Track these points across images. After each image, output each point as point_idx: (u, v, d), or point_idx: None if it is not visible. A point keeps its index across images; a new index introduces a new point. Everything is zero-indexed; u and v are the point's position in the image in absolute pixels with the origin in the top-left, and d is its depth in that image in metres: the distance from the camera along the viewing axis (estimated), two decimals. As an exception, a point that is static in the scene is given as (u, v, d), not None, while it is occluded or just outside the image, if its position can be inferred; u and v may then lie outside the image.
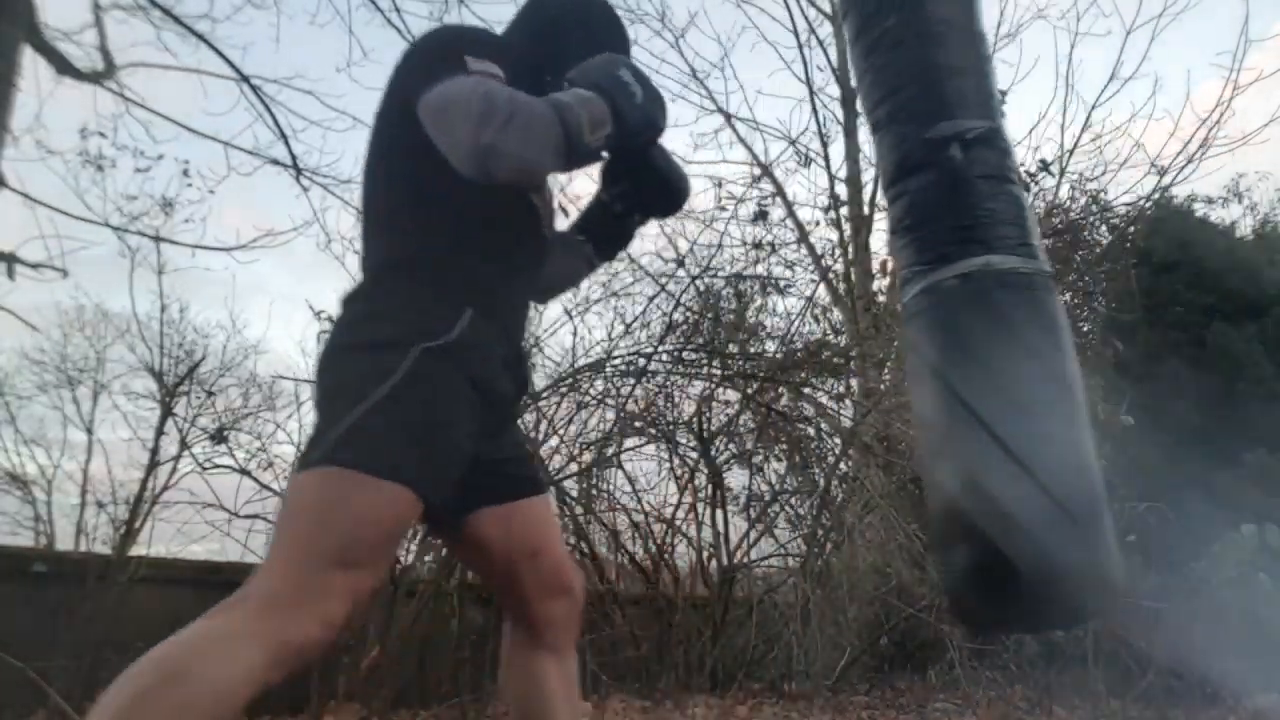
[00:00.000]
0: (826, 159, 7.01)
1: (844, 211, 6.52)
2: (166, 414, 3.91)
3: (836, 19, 6.78)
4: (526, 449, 1.61)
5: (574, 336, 4.73)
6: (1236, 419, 6.63)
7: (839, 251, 6.60)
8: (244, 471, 3.79)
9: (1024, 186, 1.38)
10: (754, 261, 4.96)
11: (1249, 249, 8.16)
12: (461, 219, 1.37)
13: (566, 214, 1.82)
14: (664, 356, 4.51)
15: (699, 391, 4.69)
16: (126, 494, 3.83)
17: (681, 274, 4.68)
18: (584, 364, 4.39)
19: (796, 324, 5.15)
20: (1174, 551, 4.44)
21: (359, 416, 1.19)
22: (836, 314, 6.43)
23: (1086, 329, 6.55)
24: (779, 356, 4.96)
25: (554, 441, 4.41)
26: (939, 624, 4.31)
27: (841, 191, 6.85)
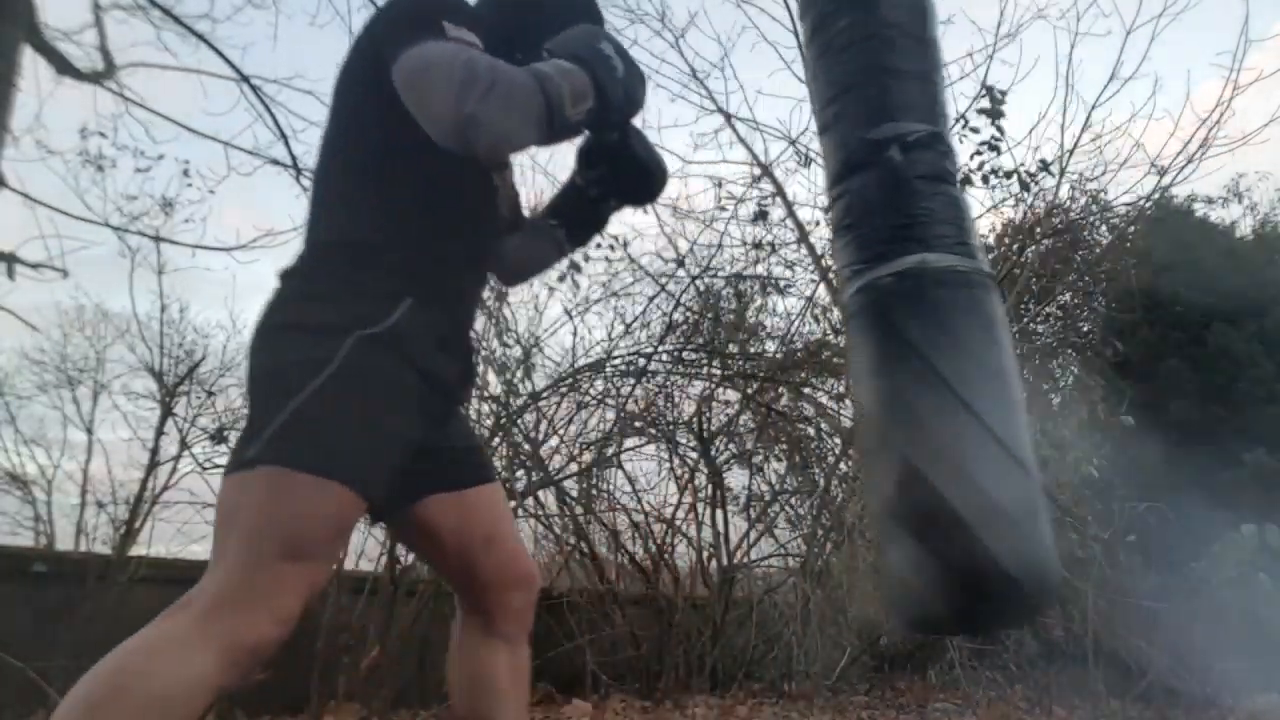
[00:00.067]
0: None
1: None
2: (166, 414, 3.92)
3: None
4: (477, 438, 1.55)
5: (574, 336, 4.73)
6: (1236, 419, 6.63)
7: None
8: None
9: (964, 188, 1.38)
10: (754, 261, 4.94)
11: (1249, 249, 8.16)
12: (416, 199, 1.32)
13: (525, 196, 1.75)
14: (664, 356, 4.51)
15: (699, 391, 4.69)
16: (126, 494, 3.83)
17: (681, 274, 4.67)
18: (584, 364, 4.39)
19: (796, 324, 5.13)
20: (1174, 551, 4.44)
21: (294, 411, 1.14)
22: (836, 314, 6.41)
23: (1086, 329, 6.54)
24: (779, 356, 4.95)
25: (554, 441, 4.41)
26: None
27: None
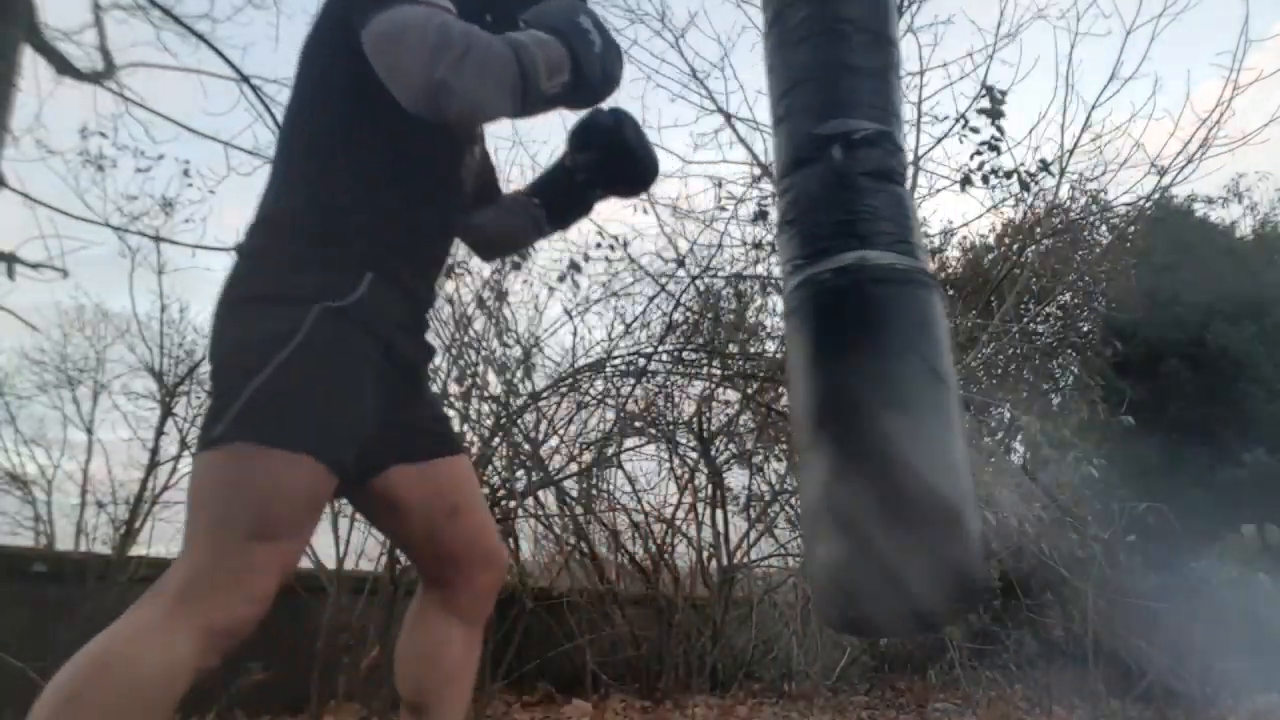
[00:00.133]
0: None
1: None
2: (166, 414, 3.91)
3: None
4: (442, 410, 1.53)
5: (574, 336, 4.72)
6: (1236, 419, 6.63)
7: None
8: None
9: (904, 184, 1.35)
10: (754, 261, 4.92)
11: (1249, 249, 8.17)
12: (382, 169, 1.29)
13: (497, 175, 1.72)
14: (664, 356, 4.50)
15: (699, 391, 4.69)
16: (126, 494, 3.83)
17: (681, 274, 4.66)
18: (584, 364, 4.38)
19: (796, 324, 5.13)
20: (1174, 551, 4.44)
21: (259, 386, 1.13)
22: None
23: (1086, 329, 6.54)
24: (779, 356, 4.95)
25: (554, 441, 4.41)
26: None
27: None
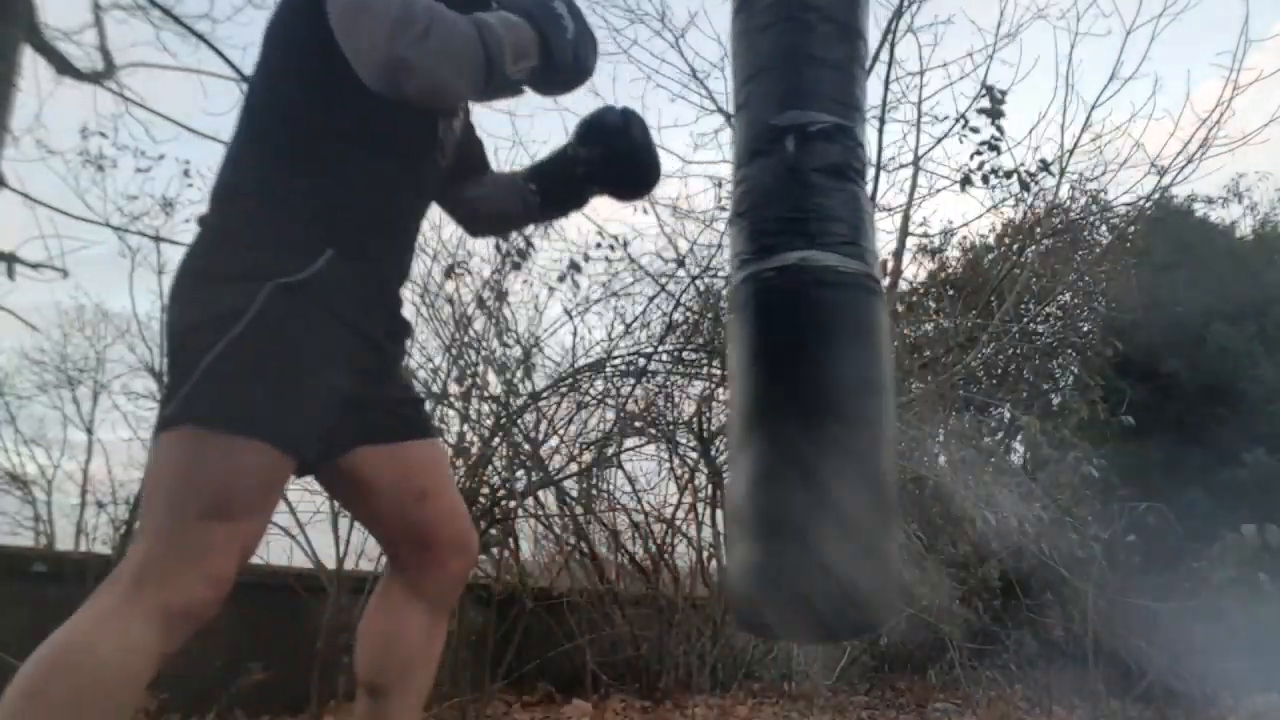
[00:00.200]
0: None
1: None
2: (166, 414, 3.91)
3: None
4: (416, 392, 1.48)
5: (574, 336, 4.71)
6: (1236, 419, 6.62)
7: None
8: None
9: (863, 184, 1.31)
10: (754, 261, 4.94)
11: (1249, 249, 8.16)
12: (345, 144, 1.25)
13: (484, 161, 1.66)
14: (664, 356, 4.50)
15: (699, 391, 4.68)
16: (126, 494, 3.83)
17: (681, 274, 4.66)
18: (584, 364, 4.38)
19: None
20: (1174, 551, 4.44)
21: (209, 366, 1.10)
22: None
23: (1086, 329, 6.54)
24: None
25: (554, 441, 4.41)
26: (939, 624, 4.31)
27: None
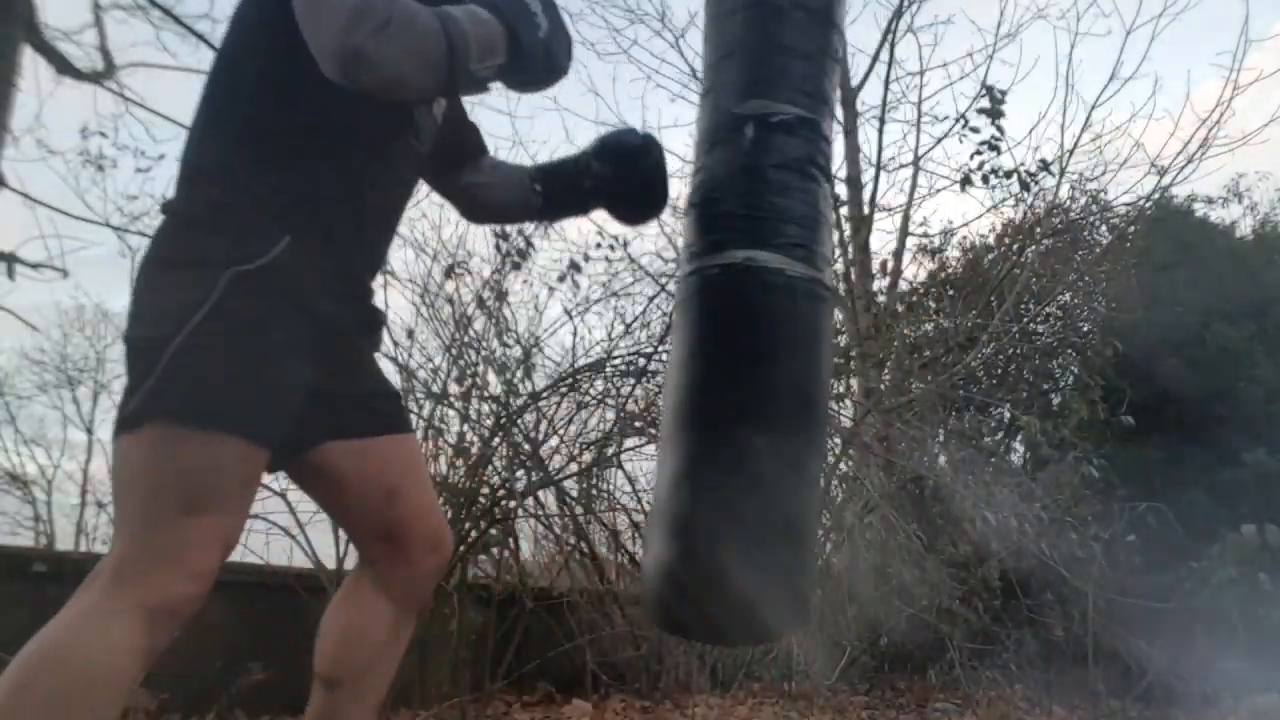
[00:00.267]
0: (826, 159, 6.97)
1: (844, 211, 6.50)
2: (166, 414, 3.91)
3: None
4: (391, 387, 1.47)
5: (574, 336, 4.72)
6: (1236, 419, 6.62)
7: (838, 251, 6.58)
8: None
9: (826, 182, 1.26)
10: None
11: (1249, 249, 8.16)
12: (308, 129, 1.22)
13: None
14: (664, 356, 4.50)
15: (699, 391, 4.68)
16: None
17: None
18: (584, 364, 4.38)
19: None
20: (1174, 551, 4.44)
21: (171, 359, 1.08)
22: (836, 314, 6.41)
23: (1086, 329, 6.54)
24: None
25: (554, 441, 4.41)
26: (939, 624, 4.31)
27: (841, 191, 6.84)
